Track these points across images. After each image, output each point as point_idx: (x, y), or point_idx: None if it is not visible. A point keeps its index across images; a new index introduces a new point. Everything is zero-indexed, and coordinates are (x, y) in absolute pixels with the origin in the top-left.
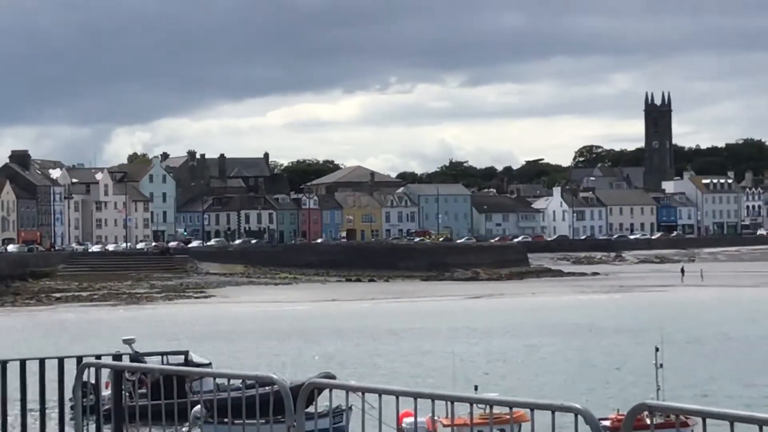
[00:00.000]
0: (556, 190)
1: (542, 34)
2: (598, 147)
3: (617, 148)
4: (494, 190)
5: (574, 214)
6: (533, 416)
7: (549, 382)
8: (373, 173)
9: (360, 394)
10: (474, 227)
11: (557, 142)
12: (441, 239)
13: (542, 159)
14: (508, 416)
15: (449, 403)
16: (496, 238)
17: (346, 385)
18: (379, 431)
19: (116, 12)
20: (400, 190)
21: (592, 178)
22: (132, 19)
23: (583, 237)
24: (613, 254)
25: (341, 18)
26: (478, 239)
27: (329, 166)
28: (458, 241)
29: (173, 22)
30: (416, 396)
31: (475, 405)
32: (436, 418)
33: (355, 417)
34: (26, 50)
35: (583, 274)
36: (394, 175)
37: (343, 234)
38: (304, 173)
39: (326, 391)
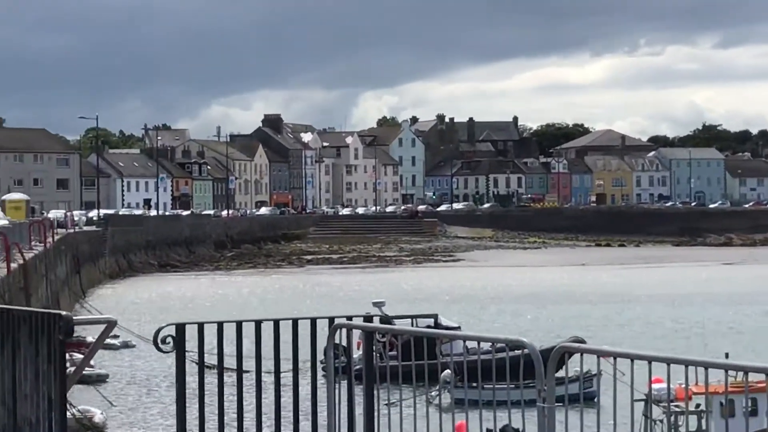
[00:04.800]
0: None
1: None
2: None
3: None
4: (749, 154)
5: None
6: None
7: None
8: (623, 137)
9: (611, 359)
10: (728, 192)
11: None
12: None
13: None
14: (762, 384)
15: (703, 369)
16: (751, 203)
17: (598, 350)
18: (631, 397)
19: None
20: (652, 154)
21: None
22: None
23: None
24: None
25: None
26: (732, 204)
27: (579, 130)
28: (711, 206)
29: None
30: (669, 361)
31: (729, 372)
32: (689, 384)
33: (604, 382)
34: (276, 15)
35: None
36: (644, 138)
37: (593, 198)
38: (553, 137)
39: (576, 356)
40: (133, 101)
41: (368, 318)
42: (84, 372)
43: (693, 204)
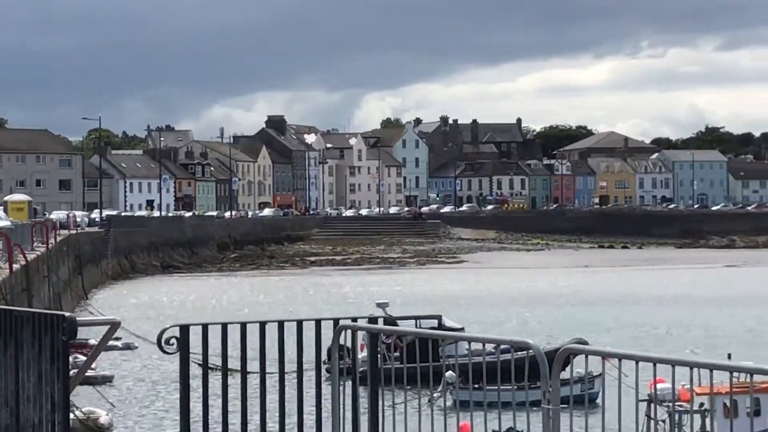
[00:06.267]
0: None
1: None
2: None
3: None
4: (752, 156)
5: None
6: None
7: None
8: (626, 139)
9: (616, 360)
10: (730, 194)
11: None
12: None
13: None
14: (766, 385)
15: (708, 370)
16: (754, 205)
17: (602, 351)
18: (636, 398)
19: None
20: (654, 156)
21: None
22: None
23: None
24: None
25: None
26: (735, 206)
27: (582, 132)
28: (714, 208)
29: None
30: (674, 363)
31: (733, 373)
32: (693, 387)
33: (607, 384)
34: (278, 16)
35: None
36: (646, 140)
37: (596, 200)
38: (556, 139)
39: (580, 357)
40: (135, 102)
41: (373, 319)
42: (89, 373)
43: (696, 206)
